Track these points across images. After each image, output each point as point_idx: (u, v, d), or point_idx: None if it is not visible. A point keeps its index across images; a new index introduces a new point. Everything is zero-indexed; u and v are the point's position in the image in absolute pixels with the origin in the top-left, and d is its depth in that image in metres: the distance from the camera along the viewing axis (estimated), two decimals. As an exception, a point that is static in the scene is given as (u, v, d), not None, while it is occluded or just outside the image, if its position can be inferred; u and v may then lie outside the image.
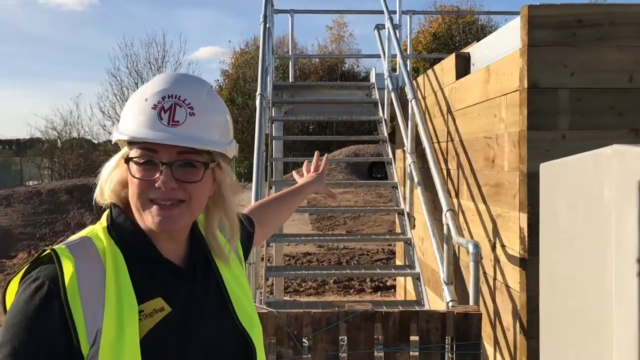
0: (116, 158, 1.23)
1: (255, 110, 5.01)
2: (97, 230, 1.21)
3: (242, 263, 1.46)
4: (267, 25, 6.11)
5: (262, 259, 4.86)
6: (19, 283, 1.11)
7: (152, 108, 1.16)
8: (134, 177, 1.16)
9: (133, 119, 1.17)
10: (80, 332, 1.06)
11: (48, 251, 1.12)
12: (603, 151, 1.60)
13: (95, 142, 30.00)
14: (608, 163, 1.57)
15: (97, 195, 1.24)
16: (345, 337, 2.90)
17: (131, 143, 1.18)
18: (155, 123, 1.15)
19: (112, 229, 1.20)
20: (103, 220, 1.24)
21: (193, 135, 1.16)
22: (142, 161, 1.16)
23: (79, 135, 28.92)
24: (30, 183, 24.52)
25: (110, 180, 1.22)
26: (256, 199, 4.11)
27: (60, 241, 1.20)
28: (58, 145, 28.16)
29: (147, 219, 1.17)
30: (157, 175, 1.16)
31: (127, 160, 1.17)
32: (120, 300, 1.11)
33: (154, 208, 1.17)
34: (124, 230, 1.20)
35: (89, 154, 27.73)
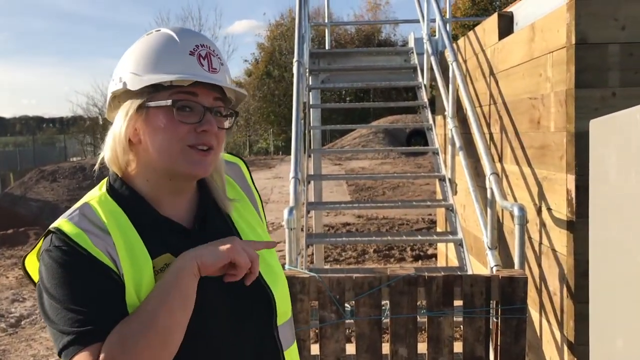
0: (130, 112, 1.17)
1: (292, 83, 4.96)
2: (95, 196, 1.22)
3: (259, 213, 1.44)
4: (303, -8, 6.01)
5: (302, 229, 4.86)
6: (39, 268, 1.15)
7: (190, 54, 1.16)
8: (180, 122, 1.15)
9: (167, 63, 1.16)
10: (113, 267, 1.11)
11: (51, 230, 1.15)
12: (660, 102, 1.51)
13: (136, 117, 30.44)
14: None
15: (108, 158, 1.22)
16: (388, 302, 2.88)
17: (159, 90, 1.16)
18: (197, 68, 1.16)
19: (112, 194, 1.21)
20: (102, 188, 1.24)
21: (228, 82, 1.20)
22: (184, 106, 1.16)
23: (119, 111, 29.37)
24: (74, 159, 25.14)
25: (125, 136, 1.18)
26: (295, 167, 4.09)
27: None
28: (99, 122, 28.75)
29: (182, 166, 1.17)
30: (198, 119, 1.16)
31: (174, 103, 1.15)
32: (133, 256, 1.13)
33: (193, 153, 1.17)
34: (120, 195, 1.21)
35: (130, 130, 28.15)
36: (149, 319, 1.05)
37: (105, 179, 1.26)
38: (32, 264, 1.21)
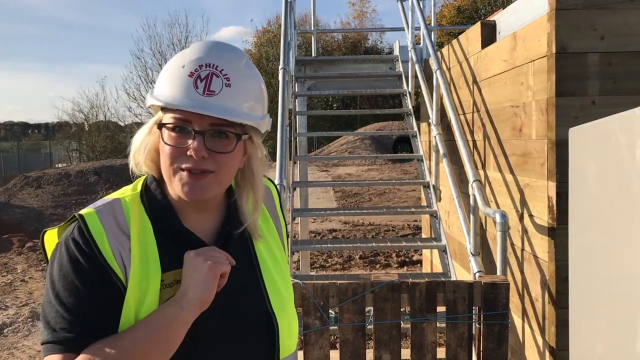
0: (149, 124, 1.22)
1: (279, 88, 4.98)
2: (129, 195, 1.23)
3: (283, 242, 1.42)
4: (289, 0, 6.05)
5: (288, 235, 4.86)
6: (54, 250, 1.17)
7: (189, 76, 1.15)
8: (166, 143, 1.16)
9: (168, 85, 1.17)
10: (120, 275, 1.12)
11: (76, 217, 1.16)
12: (636, 111, 1.54)
13: (122, 124, 30.25)
14: (641, 123, 1.51)
15: (132, 165, 1.24)
16: (372, 308, 2.90)
17: (165, 109, 1.18)
18: (190, 91, 1.14)
19: (145, 196, 1.23)
20: (138, 186, 1.26)
21: (227, 106, 1.16)
22: (174, 128, 1.16)
23: (105, 117, 29.28)
24: (59, 165, 24.92)
25: (144, 147, 1.22)
26: (281, 175, 4.10)
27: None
28: (85, 128, 28.53)
29: (177, 187, 1.17)
30: (189, 143, 1.15)
31: (160, 126, 1.17)
32: (145, 267, 1.14)
33: (184, 175, 1.16)
34: (152, 199, 1.22)
35: (116, 136, 28.07)
36: (121, 355, 1.06)
37: (143, 178, 1.27)
38: (51, 240, 1.22)
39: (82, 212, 1.16)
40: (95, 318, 1.09)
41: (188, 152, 1.14)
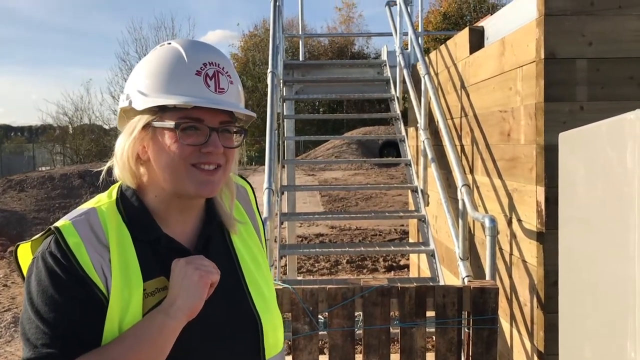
0: (136, 129, 1.17)
1: (266, 94, 4.97)
2: (105, 203, 1.20)
3: (261, 239, 1.42)
4: (277, 3, 6.04)
5: (276, 240, 4.84)
6: (30, 265, 1.14)
7: (196, 74, 1.15)
8: (183, 143, 1.14)
9: (173, 84, 1.14)
10: (101, 286, 1.10)
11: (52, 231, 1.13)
12: (625, 117, 1.54)
13: (107, 127, 30.04)
14: (631, 128, 1.52)
15: (119, 175, 1.21)
16: (361, 313, 2.88)
17: (165, 110, 1.15)
18: (203, 89, 1.15)
19: (121, 204, 1.20)
20: (113, 193, 1.23)
21: (236, 103, 1.20)
22: (188, 128, 1.15)
23: (90, 120, 29.07)
24: (43, 168, 24.65)
25: (130, 153, 1.17)
26: (269, 177, 4.08)
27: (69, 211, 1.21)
28: (69, 131, 28.30)
29: (188, 185, 1.16)
30: (203, 140, 1.15)
31: (177, 126, 1.14)
32: (126, 277, 1.12)
33: (198, 173, 1.16)
34: (129, 207, 1.20)
35: (100, 139, 27.85)
36: None
37: (117, 185, 1.24)
38: (25, 254, 1.19)
39: (58, 224, 1.13)
40: (77, 332, 1.06)
41: (204, 150, 1.15)
